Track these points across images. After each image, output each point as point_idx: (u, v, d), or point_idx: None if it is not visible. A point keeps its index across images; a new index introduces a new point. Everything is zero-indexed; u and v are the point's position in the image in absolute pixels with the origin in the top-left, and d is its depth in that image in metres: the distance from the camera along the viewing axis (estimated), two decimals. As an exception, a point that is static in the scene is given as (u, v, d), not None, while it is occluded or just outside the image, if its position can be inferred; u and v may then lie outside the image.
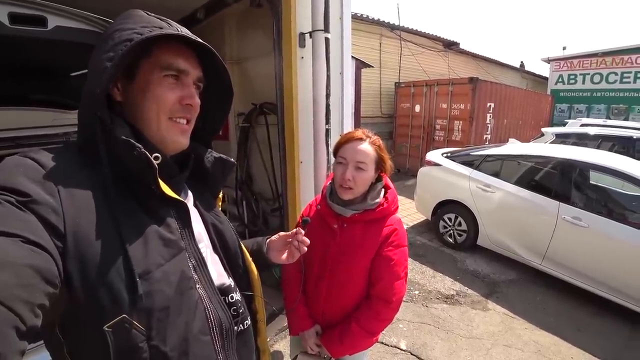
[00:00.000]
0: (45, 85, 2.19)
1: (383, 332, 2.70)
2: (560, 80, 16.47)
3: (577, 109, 15.80)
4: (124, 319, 0.53)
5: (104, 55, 0.58)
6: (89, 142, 0.59)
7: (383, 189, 1.26)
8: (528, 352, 2.63)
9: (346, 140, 1.20)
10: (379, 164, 1.20)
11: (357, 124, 6.68)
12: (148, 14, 0.64)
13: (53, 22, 1.37)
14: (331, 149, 2.13)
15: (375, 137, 1.21)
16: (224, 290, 0.72)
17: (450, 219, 4.42)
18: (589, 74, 15.60)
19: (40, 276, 0.44)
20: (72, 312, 0.52)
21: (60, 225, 0.50)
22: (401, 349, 2.61)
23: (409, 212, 5.67)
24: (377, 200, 1.22)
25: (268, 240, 0.99)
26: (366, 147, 1.16)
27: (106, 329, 0.52)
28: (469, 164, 4.30)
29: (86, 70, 0.61)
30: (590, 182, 3.53)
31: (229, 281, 0.76)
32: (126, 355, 0.54)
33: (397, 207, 1.28)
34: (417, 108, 8.60)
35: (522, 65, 17.45)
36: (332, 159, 1.93)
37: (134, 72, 0.63)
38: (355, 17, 8.40)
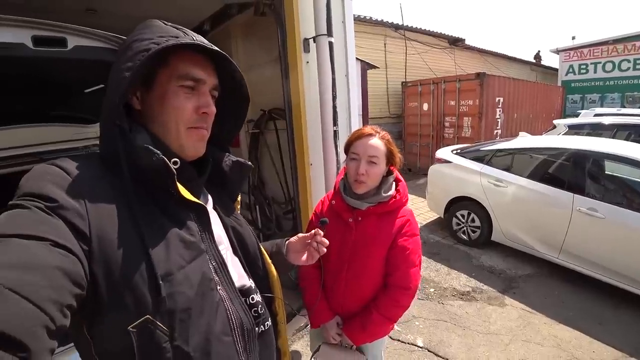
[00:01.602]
0: (65, 102, 2.29)
1: (399, 329, 2.72)
2: (571, 70, 16.16)
3: (590, 99, 15.47)
4: (148, 319, 0.54)
5: (123, 66, 0.59)
6: (111, 149, 0.61)
7: (394, 182, 1.32)
8: (548, 347, 2.60)
9: (357, 136, 1.25)
10: (389, 157, 1.25)
11: (365, 125, 6.69)
12: (165, 24, 0.66)
13: (72, 42, 1.44)
14: (340, 150, 2.17)
15: (384, 132, 1.27)
16: (244, 292, 0.73)
17: (463, 216, 4.40)
18: (600, 62, 15.27)
19: (68, 278, 0.46)
20: (98, 312, 0.53)
21: (85, 230, 0.52)
22: (418, 346, 2.61)
23: (422, 211, 5.65)
24: (390, 192, 1.27)
25: (287, 242, 0.98)
26: (377, 142, 1.22)
27: (130, 329, 0.53)
28: (479, 159, 4.27)
29: (99, 86, 0.64)
30: (606, 172, 3.46)
31: (249, 283, 0.76)
32: (150, 355, 0.55)
33: (408, 199, 1.33)
34: (425, 106, 8.56)
35: (538, 55, 17.07)
36: (342, 160, 1.98)
37: (151, 81, 0.65)
38: (359, 19, 8.45)
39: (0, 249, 0.43)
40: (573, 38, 17.12)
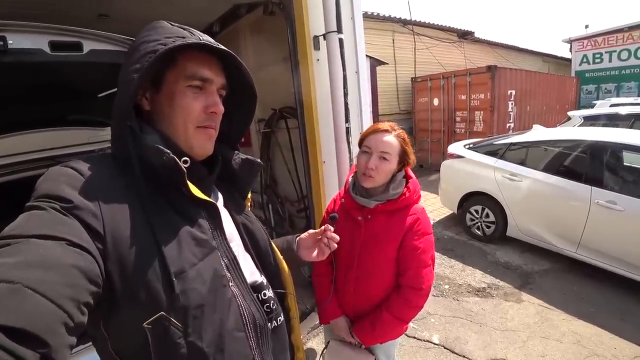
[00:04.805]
0: (82, 106, 2.33)
1: (415, 326, 2.71)
2: (584, 60, 15.75)
3: (606, 88, 15.05)
4: (162, 316, 0.55)
5: (131, 68, 0.60)
6: (122, 150, 0.62)
7: (404, 179, 1.29)
8: (567, 343, 2.55)
9: (372, 131, 1.23)
10: (403, 157, 1.22)
11: (375, 122, 6.66)
12: (172, 25, 0.66)
13: (88, 46, 1.47)
14: (353, 147, 2.17)
15: (401, 131, 1.24)
16: (256, 288, 0.74)
17: (477, 211, 4.34)
18: (615, 51, 14.83)
19: (84, 276, 0.47)
20: (114, 310, 0.54)
21: (100, 229, 0.53)
22: (434, 343, 2.59)
23: (435, 207, 5.60)
24: (399, 190, 1.24)
25: (298, 238, 0.99)
26: (391, 139, 1.20)
27: (145, 325, 0.54)
28: (492, 153, 4.21)
29: (112, 91, 0.65)
30: (624, 163, 3.37)
31: (261, 279, 0.77)
32: (165, 351, 0.56)
33: (420, 197, 1.30)
34: (436, 102, 8.47)
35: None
36: (355, 157, 1.97)
37: (160, 82, 0.65)
38: (366, 16, 8.39)
39: (19, 249, 0.44)
40: (586, 27, 16.56)
